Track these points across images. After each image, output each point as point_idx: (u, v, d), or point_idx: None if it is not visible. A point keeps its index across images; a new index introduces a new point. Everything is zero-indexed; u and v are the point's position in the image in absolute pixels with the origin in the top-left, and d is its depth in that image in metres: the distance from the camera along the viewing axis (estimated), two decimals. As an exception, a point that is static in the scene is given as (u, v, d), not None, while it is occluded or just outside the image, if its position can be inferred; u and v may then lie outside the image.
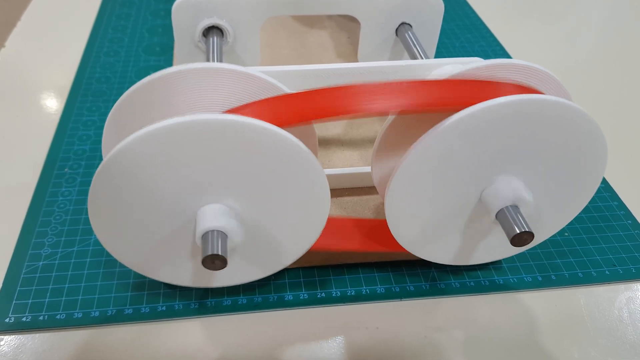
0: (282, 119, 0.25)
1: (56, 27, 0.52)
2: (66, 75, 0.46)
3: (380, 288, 0.31)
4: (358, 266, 0.32)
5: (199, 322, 0.29)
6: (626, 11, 0.61)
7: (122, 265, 0.30)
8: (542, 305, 0.31)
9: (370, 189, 0.36)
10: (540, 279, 0.32)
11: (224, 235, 0.24)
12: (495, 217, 0.26)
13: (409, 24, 0.41)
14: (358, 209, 0.35)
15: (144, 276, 0.30)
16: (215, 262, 0.24)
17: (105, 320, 0.28)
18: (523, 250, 0.32)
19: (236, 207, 0.25)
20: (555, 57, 0.53)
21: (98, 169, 0.23)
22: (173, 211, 0.25)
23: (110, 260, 0.31)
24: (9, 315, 0.28)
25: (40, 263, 0.31)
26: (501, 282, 0.32)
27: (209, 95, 0.27)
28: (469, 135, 0.25)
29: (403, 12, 0.40)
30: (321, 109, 0.25)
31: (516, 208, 0.26)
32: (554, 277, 0.32)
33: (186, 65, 0.26)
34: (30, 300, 0.29)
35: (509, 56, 0.52)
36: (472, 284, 0.31)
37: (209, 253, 0.23)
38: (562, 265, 0.33)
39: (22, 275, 0.30)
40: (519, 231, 0.25)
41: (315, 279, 0.31)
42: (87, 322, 0.28)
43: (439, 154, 0.25)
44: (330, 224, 0.28)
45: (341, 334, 0.29)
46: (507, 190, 0.26)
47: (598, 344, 0.29)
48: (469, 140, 0.25)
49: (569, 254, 0.33)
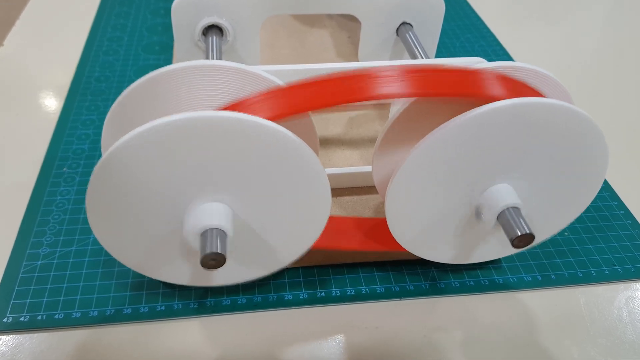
0: (281, 110, 0.25)
1: (55, 26, 0.52)
2: (65, 74, 0.46)
3: (380, 287, 0.31)
4: (358, 265, 0.32)
5: (198, 322, 0.29)
6: (626, 12, 0.61)
7: (121, 264, 0.30)
8: (542, 305, 0.31)
9: (370, 189, 0.36)
10: (540, 278, 0.32)
11: (222, 234, 0.24)
12: (497, 219, 0.26)
13: (409, 24, 0.41)
14: (358, 208, 0.35)
15: (143, 276, 0.30)
16: (213, 261, 0.23)
17: (104, 320, 0.28)
18: (523, 250, 0.32)
19: (235, 205, 0.25)
20: (555, 58, 0.53)
21: (95, 168, 0.23)
22: (171, 209, 0.25)
23: (108, 260, 0.31)
24: (7, 314, 0.28)
25: (39, 262, 0.31)
26: (501, 282, 0.32)
27: (208, 93, 0.26)
28: (470, 138, 0.25)
29: (404, 12, 0.40)
30: (318, 97, 0.25)
31: (517, 210, 0.26)
32: (553, 277, 0.32)
33: (185, 63, 0.26)
34: (28, 300, 0.29)
35: (509, 56, 0.52)
36: (472, 283, 0.31)
37: (208, 252, 0.23)
38: (562, 265, 0.33)
39: (20, 275, 0.30)
40: (520, 233, 0.25)
41: (314, 278, 0.31)
42: (86, 322, 0.28)
43: (440, 156, 0.25)
44: (330, 223, 0.28)
45: (341, 333, 0.29)
46: (508, 192, 0.26)
47: (597, 343, 0.29)
48: (470, 143, 0.25)
49: (569, 254, 0.33)
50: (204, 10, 0.37)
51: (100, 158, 0.36)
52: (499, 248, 0.30)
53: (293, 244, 0.27)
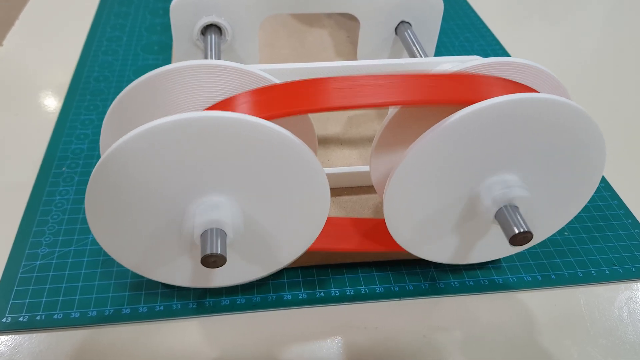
0: (277, 110, 0.25)
1: (54, 26, 0.52)
2: (64, 74, 0.46)
3: (379, 287, 0.31)
4: (357, 266, 0.32)
5: (197, 322, 0.29)
6: (626, 12, 0.61)
7: (120, 264, 0.30)
8: (542, 305, 0.31)
9: (369, 188, 0.36)
10: (539, 278, 0.32)
11: (222, 233, 0.24)
12: (494, 217, 0.26)
13: (408, 23, 0.41)
14: (357, 208, 0.34)
15: (142, 276, 0.30)
16: (214, 260, 0.23)
17: (103, 320, 0.28)
18: (522, 249, 0.32)
19: (234, 205, 0.25)
20: (555, 56, 0.53)
21: (95, 168, 0.23)
22: (170, 210, 0.25)
23: (107, 260, 0.31)
24: (6, 315, 0.28)
25: (38, 262, 0.31)
26: (501, 282, 0.31)
27: (207, 92, 0.26)
28: (466, 136, 0.25)
29: (403, 11, 0.40)
30: (313, 101, 0.25)
31: (515, 208, 0.26)
32: (553, 277, 0.32)
33: (183, 63, 0.26)
34: (27, 300, 0.29)
35: (508, 55, 0.52)
36: (472, 283, 0.31)
37: (208, 252, 0.23)
38: (562, 265, 0.33)
39: (19, 275, 0.30)
40: (517, 231, 0.25)
41: (314, 278, 0.31)
42: (85, 322, 0.28)
43: (437, 154, 0.25)
44: (328, 224, 0.28)
45: (340, 333, 0.29)
46: (506, 189, 0.26)
47: (598, 343, 0.29)
48: (467, 140, 0.25)
49: (569, 254, 0.33)
50: (203, 10, 0.37)
51: (99, 158, 0.36)
52: (498, 248, 0.30)
53: (292, 243, 0.27)
